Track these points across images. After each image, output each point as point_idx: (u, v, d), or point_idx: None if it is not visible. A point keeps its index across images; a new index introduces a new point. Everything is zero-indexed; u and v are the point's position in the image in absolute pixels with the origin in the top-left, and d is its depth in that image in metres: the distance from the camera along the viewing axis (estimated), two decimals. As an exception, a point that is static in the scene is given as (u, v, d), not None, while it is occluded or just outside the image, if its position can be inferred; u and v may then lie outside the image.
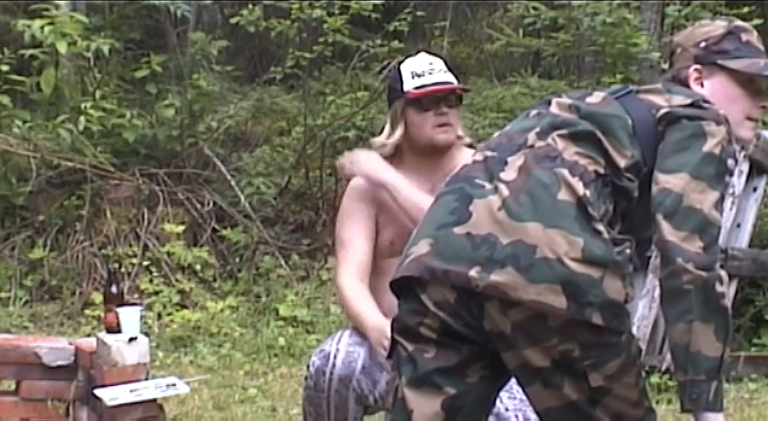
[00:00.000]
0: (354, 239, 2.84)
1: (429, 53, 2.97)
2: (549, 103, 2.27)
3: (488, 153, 2.18)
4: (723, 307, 2.02)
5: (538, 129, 2.16)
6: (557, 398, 2.04)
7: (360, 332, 2.76)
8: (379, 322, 2.64)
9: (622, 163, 2.11)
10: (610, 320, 1.98)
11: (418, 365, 2.09)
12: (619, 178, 2.11)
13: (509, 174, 2.09)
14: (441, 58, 2.93)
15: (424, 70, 2.83)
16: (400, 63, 2.91)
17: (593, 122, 2.15)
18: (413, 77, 2.82)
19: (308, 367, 2.74)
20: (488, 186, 2.08)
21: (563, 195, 2.03)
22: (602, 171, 2.09)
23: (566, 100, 2.24)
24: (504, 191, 2.05)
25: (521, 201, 2.02)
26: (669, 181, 2.07)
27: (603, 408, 2.04)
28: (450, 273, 2.02)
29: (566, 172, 2.06)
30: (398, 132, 2.83)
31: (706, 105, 2.18)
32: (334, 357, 2.68)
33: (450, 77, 2.85)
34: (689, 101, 2.19)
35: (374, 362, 2.69)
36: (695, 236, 2.02)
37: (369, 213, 2.86)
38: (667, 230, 2.03)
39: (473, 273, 1.99)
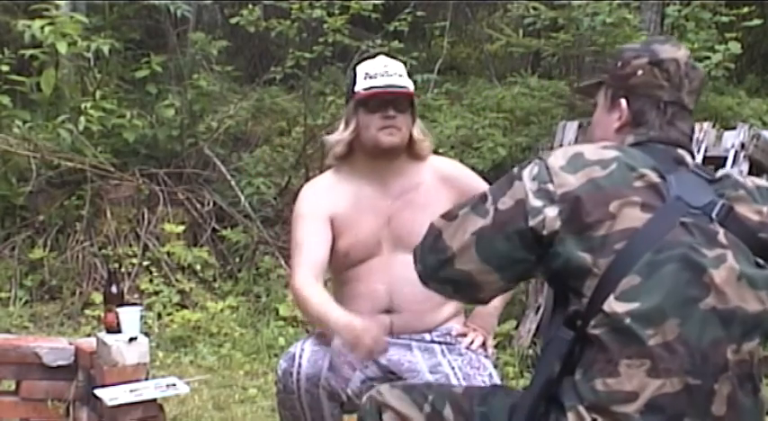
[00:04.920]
0: (309, 239, 2.80)
1: (389, 56, 2.97)
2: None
3: (690, 380, 1.92)
4: None
5: (734, 347, 1.97)
6: None
7: (323, 338, 2.73)
8: (346, 319, 2.54)
9: None
10: None
11: None
12: None
13: (719, 408, 1.95)
14: (402, 61, 2.95)
15: (377, 72, 2.85)
16: (357, 64, 2.92)
17: None
18: (365, 78, 2.85)
19: (276, 372, 2.74)
20: None
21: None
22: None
23: (736, 265, 1.96)
24: None
25: None
26: None
27: None
28: None
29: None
30: (349, 131, 2.84)
31: None
32: (300, 357, 2.68)
33: (404, 82, 2.85)
34: None
35: (342, 360, 2.68)
36: None
37: (324, 216, 2.84)
38: None
39: None
